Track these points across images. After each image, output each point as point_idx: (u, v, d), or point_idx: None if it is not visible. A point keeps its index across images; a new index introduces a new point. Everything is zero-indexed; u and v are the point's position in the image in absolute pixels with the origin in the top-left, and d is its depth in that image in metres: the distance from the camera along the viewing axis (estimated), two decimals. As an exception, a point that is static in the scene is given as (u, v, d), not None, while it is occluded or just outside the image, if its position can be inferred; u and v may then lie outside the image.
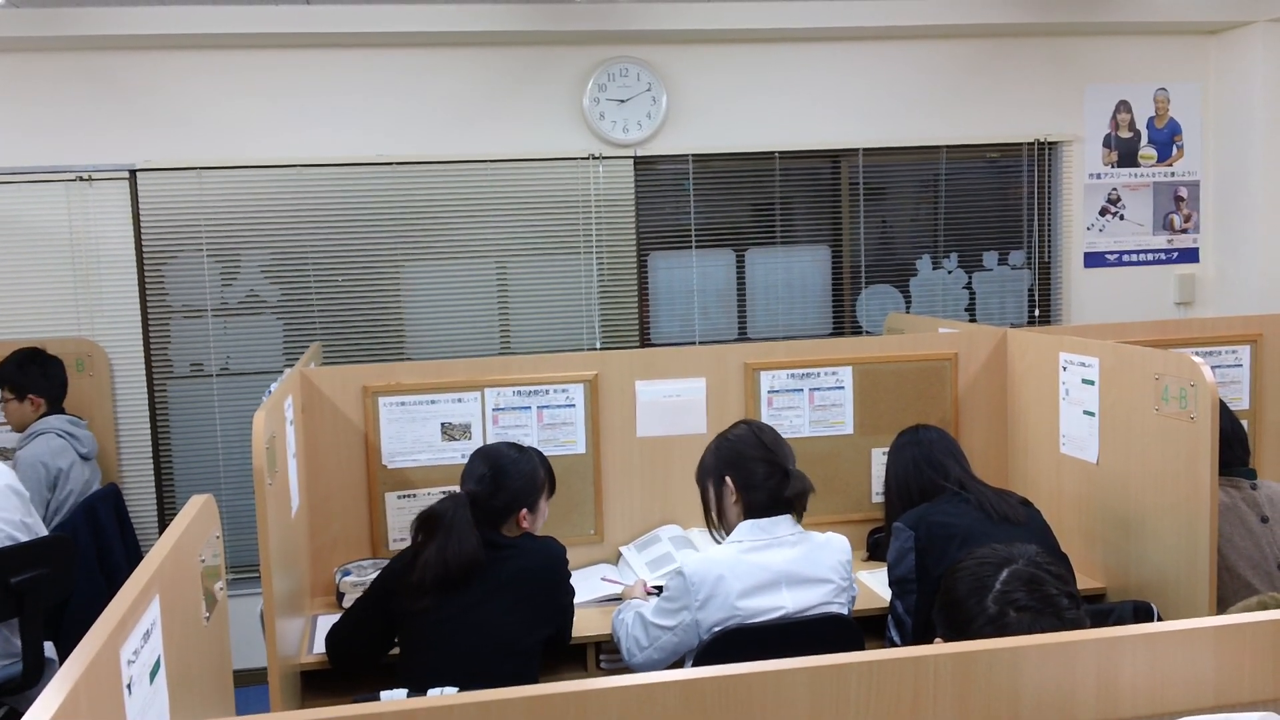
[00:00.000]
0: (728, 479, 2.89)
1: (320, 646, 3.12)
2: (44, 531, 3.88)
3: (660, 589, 3.10)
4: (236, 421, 5.18)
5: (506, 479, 3.00)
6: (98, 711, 1.21)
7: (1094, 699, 1.49)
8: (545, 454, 3.16)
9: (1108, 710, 1.50)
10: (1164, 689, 1.51)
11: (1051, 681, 1.48)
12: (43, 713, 1.09)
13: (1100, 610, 3.06)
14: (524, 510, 3.01)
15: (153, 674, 1.45)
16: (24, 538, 3.79)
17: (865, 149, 5.62)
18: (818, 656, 1.42)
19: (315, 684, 3.13)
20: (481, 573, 2.84)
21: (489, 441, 3.64)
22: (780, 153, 5.55)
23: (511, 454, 3.06)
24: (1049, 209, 5.86)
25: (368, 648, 2.99)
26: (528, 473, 3.04)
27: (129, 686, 1.34)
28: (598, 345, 5.41)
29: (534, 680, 2.91)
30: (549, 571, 2.96)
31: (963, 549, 2.60)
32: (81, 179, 5.03)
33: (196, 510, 1.81)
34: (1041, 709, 1.48)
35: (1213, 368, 3.31)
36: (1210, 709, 1.53)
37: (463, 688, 2.70)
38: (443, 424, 3.68)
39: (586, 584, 3.56)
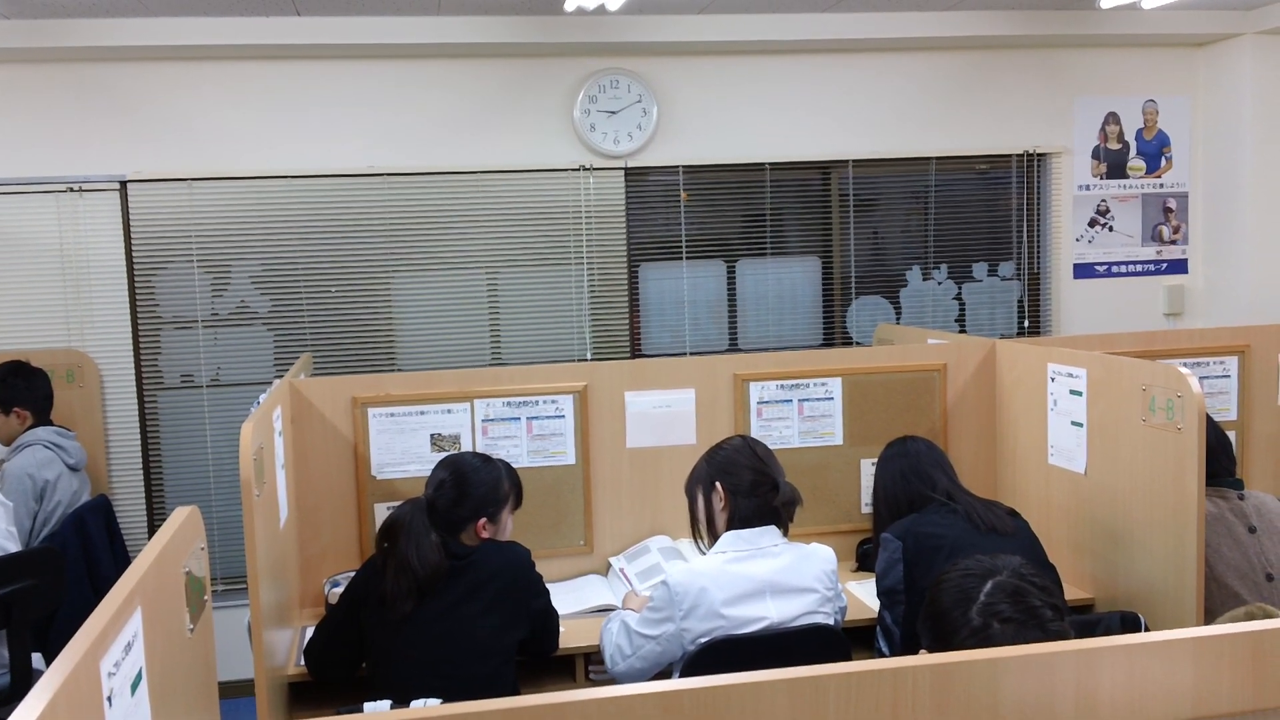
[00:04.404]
0: (719, 484, 2.90)
1: (308, 658, 3.12)
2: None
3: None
4: (227, 432, 5.17)
5: (466, 486, 3.00)
6: (77, 724, 1.21)
7: (1072, 710, 1.50)
8: (535, 465, 3.15)
9: (1087, 721, 1.51)
10: (1143, 700, 1.52)
11: (1030, 693, 1.48)
12: (20, 725, 1.09)
13: (1087, 621, 3.07)
14: (483, 520, 3.00)
15: (134, 686, 1.44)
16: (13, 548, 3.78)
17: (855, 160, 5.64)
18: (796, 668, 1.43)
19: (303, 695, 3.13)
20: (446, 579, 2.85)
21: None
22: (770, 164, 5.57)
23: (474, 462, 3.07)
24: (1038, 220, 5.88)
25: (344, 659, 2.99)
26: (489, 482, 3.04)
27: (109, 699, 1.33)
28: (588, 356, 5.41)
29: (511, 682, 2.91)
30: (513, 573, 2.95)
31: (950, 560, 2.59)
32: (72, 190, 5.03)
33: (181, 521, 1.81)
34: (1021, 720, 1.49)
35: (1201, 379, 3.33)
36: (1189, 720, 1.54)
37: (439, 694, 2.71)
38: (432, 435, 3.68)
39: (575, 595, 3.56)
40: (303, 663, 3.08)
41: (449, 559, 2.88)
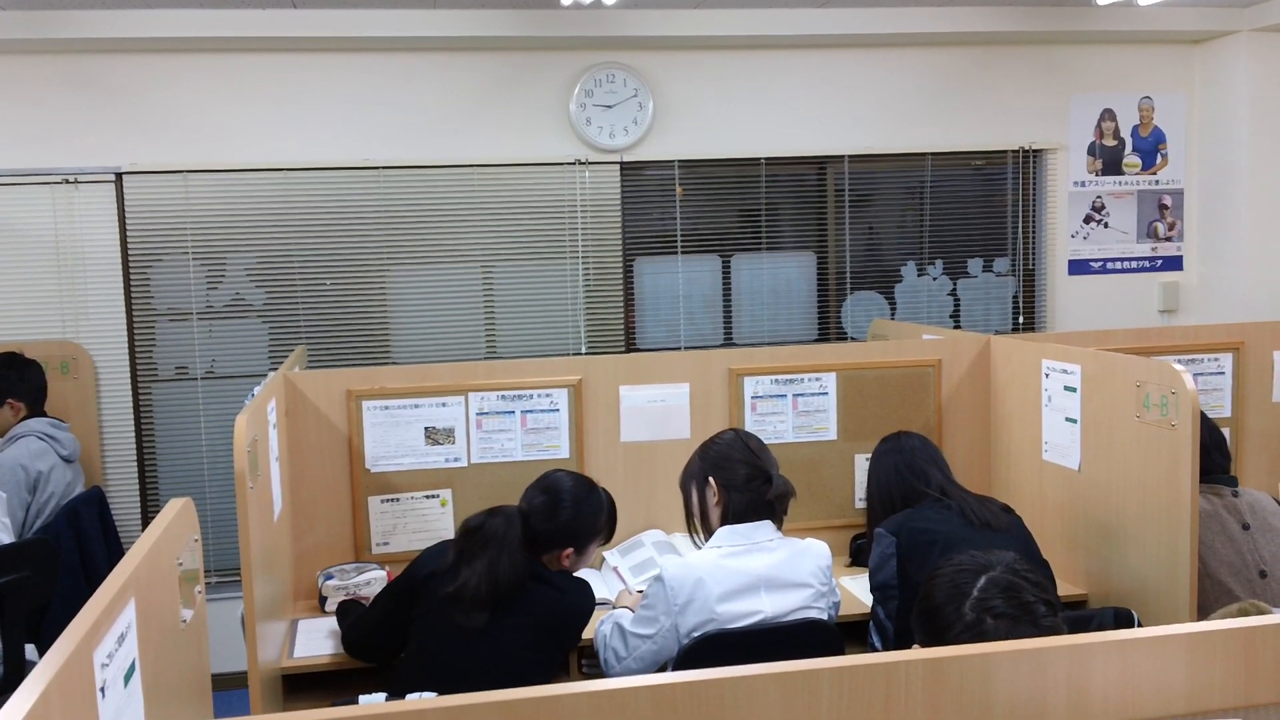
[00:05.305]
0: (712, 480, 2.91)
1: (302, 650, 3.12)
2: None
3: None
4: (221, 425, 5.16)
5: (565, 512, 2.91)
6: (70, 715, 1.21)
7: (1065, 705, 1.50)
8: (528, 459, 3.12)
9: (1079, 717, 1.51)
10: (1135, 696, 1.52)
11: (1023, 688, 1.49)
12: (13, 716, 1.09)
13: (1081, 617, 3.07)
14: (570, 548, 2.93)
15: (127, 677, 1.45)
16: (6, 539, 3.78)
17: (851, 156, 5.64)
18: (790, 662, 1.43)
19: (297, 688, 3.13)
20: (520, 598, 2.79)
21: (472, 446, 3.65)
22: (766, 159, 5.56)
23: (579, 490, 2.97)
24: (1034, 216, 5.88)
25: (391, 644, 2.93)
26: (590, 513, 2.96)
27: (102, 690, 1.33)
28: (583, 350, 5.41)
29: None
30: (579, 620, 2.91)
31: (944, 555, 2.59)
32: (67, 181, 5.02)
33: (175, 513, 1.81)
34: (1013, 715, 1.49)
35: (1195, 375, 3.33)
36: (1181, 716, 1.54)
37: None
38: (426, 428, 3.67)
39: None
40: (299, 654, 3.07)
41: (530, 580, 2.81)
